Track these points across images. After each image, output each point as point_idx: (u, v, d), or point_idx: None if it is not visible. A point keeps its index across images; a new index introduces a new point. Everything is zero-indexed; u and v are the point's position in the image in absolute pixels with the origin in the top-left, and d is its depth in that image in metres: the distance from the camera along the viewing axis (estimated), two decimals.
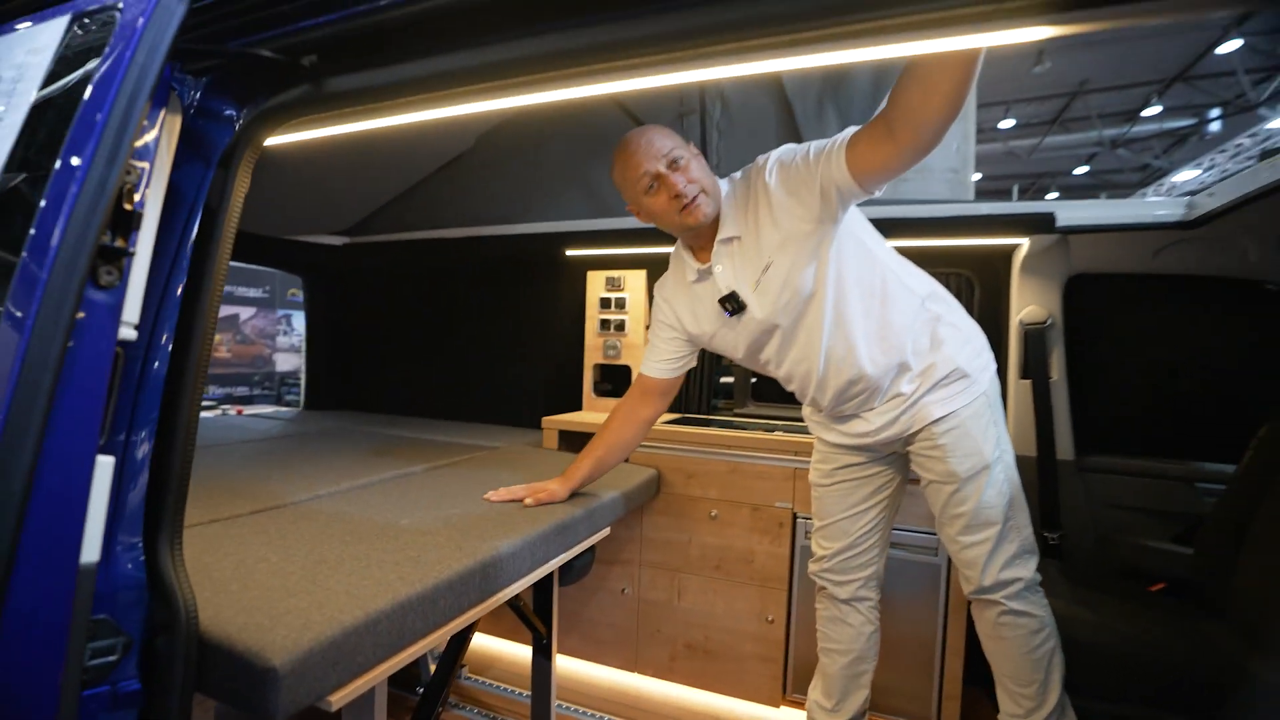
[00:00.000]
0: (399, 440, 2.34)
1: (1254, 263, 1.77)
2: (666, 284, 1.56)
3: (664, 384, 1.58)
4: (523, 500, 1.53)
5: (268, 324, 9.04)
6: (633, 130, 1.35)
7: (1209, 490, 1.88)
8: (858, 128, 1.19)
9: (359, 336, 3.27)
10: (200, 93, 0.85)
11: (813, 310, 1.36)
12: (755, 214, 1.34)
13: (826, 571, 1.59)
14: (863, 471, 1.54)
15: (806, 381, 1.45)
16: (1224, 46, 8.92)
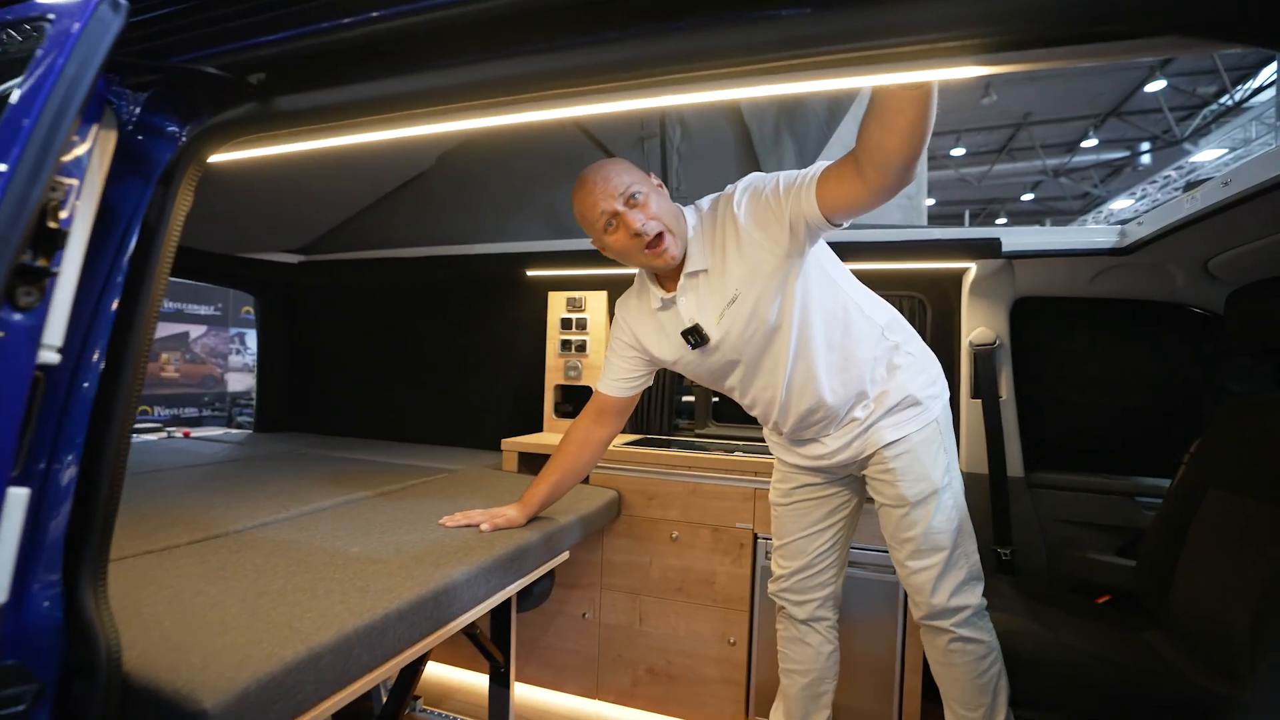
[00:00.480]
0: (353, 464, 2.27)
1: (1180, 287, 1.88)
2: (630, 305, 1.54)
3: (620, 403, 1.58)
4: (479, 525, 1.50)
5: (219, 343, 8.73)
6: (589, 167, 1.33)
7: (1148, 504, 1.96)
8: (828, 163, 1.20)
9: (313, 357, 3.18)
10: (141, 108, 0.83)
11: (777, 342, 1.36)
12: (723, 246, 1.33)
13: (785, 591, 1.60)
14: (820, 492, 1.56)
15: (769, 408, 1.46)
16: (1151, 85, 9.55)
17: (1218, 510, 1.58)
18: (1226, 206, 1.34)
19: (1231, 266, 1.70)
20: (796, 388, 1.40)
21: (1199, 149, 9.86)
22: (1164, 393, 2.04)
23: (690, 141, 2.33)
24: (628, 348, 1.54)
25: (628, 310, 1.54)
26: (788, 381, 1.39)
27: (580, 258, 2.36)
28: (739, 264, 1.31)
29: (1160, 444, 2.02)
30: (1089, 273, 1.89)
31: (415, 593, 1.09)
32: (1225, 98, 9.10)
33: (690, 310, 1.38)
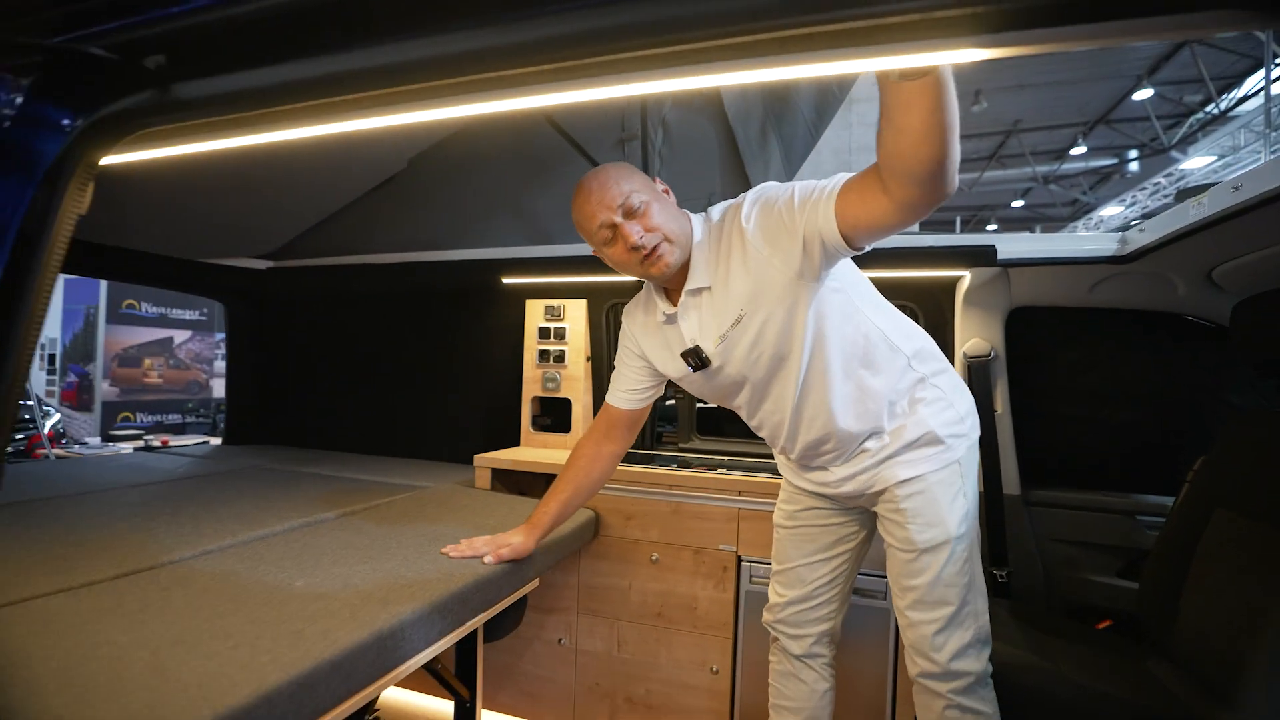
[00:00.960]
0: (317, 480, 2.16)
1: (1181, 297, 1.80)
2: (636, 316, 1.44)
3: (631, 415, 1.47)
4: (483, 558, 1.39)
5: (204, 348, 8.58)
6: (589, 174, 1.22)
7: (1150, 524, 1.87)
8: (850, 174, 1.06)
9: (284, 366, 3.05)
10: (23, 96, 0.72)
11: (786, 370, 1.26)
12: (728, 261, 1.22)
13: (780, 623, 1.49)
14: (827, 519, 1.45)
15: (777, 432, 1.35)
16: (1139, 94, 9.60)
17: (1225, 533, 1.49)
18: (1236, 213, 1.26)
19: (1237, 276, 1.63)
20: (806, 417, 1.29)
21: (1187, 156, 9.91)
22: (1166, 407, 1.96)
23: (672, 144, 2.24)
24: (635, 358, 1.45)
25: (634, 320, 1.45)
26: (795, 409, 1.29)
27: (559, 265, 2.26)
28: (744, 281, 1.20)
29: (1162, 460, 1.93)
30: (1088, 282, 1.81)
31: (355, 637, 0.98)
32: (1211, 106, 9.15)
33: (691, 330, 1.29)
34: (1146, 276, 1.76)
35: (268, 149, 1.01)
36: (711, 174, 2.24)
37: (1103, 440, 2.01)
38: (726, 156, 2.20)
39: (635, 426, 1.51)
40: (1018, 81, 9.78)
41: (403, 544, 1.46)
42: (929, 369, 1.35)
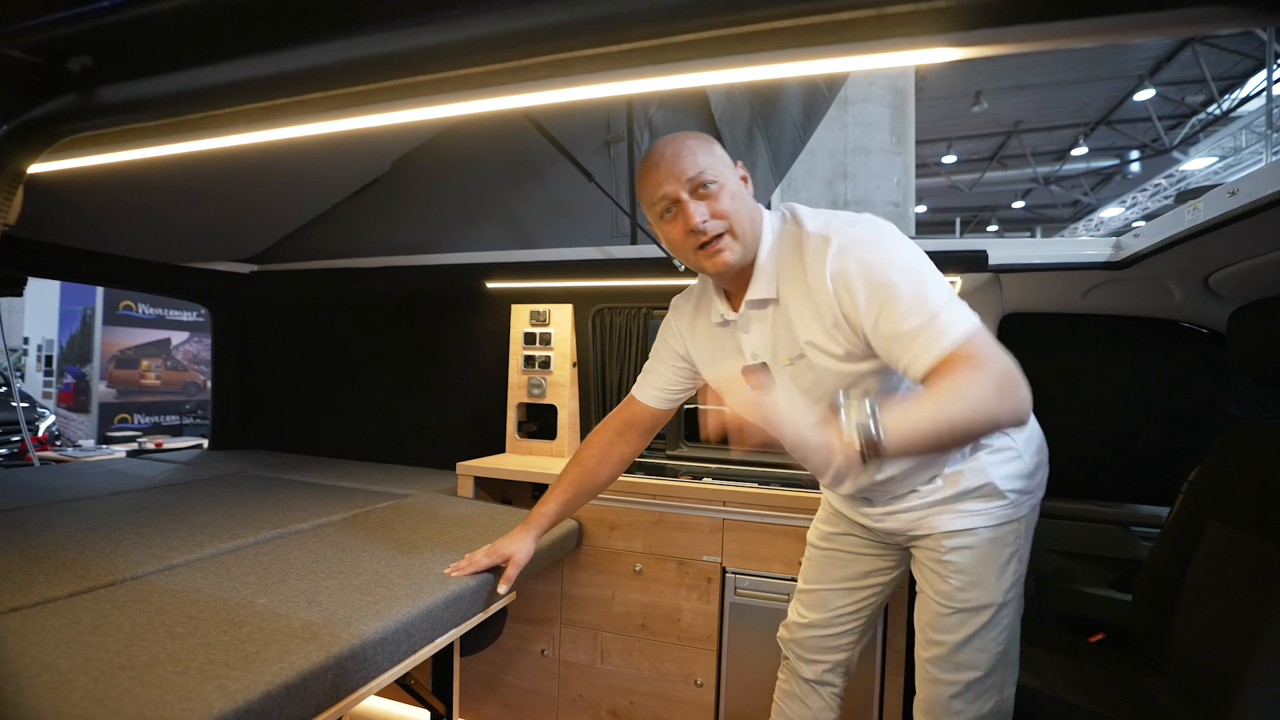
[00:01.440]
0: (298, 488, 2.12)
1: (1177, 304, 1.76)
2: (685, 311, 1.31)
3: (655, 415, 1.38)
4: (499, 589, 1.35)
5: (202, 349, 8.56)
6: (664, 138, 1.09)
7: (1144, 534, 1.84)
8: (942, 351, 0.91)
9: (268, 371, 3.02)
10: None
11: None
12: (799, 284, 1.08)
13: (796, 643, 1.41)
14: (864, 548, 1.36)
15: (822, 469, 1.25)
16: (1140, 94, 9.56)
17: (1220, 545, 1.46)
18: (1233, 219, 1.22)
19: (1234, 282, 1.59)
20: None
21: (1188, 157, 9.86)
22: (1161, 416, 1.92)
23: None
24: (677, 357, 1.33)
25: (681, 316, 1.32)
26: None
27: (544, 269, 2.22)
28: (813, 324, 1.07)
29: (1157, 470, 1.89)
30: (1081, 287, 1.77)
31: (311, 661, 0.95)
32: (1213, 106, 9.10)
33: (754, 345, 1.17)
34: (1141, 282, 1.73)
35: (244, 151, 0.97)
36: None
37: (1097, 450, 1.98)
38: None
39: (654, 429, 1.42)
40: (1018, 82, 9.74)
41: (375, 557, 1.43)
42: None
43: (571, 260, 2.17)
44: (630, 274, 2.13)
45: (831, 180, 3.86)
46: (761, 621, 1.75)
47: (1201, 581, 1.47)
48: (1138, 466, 1.94)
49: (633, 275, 2.13)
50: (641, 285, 2.18)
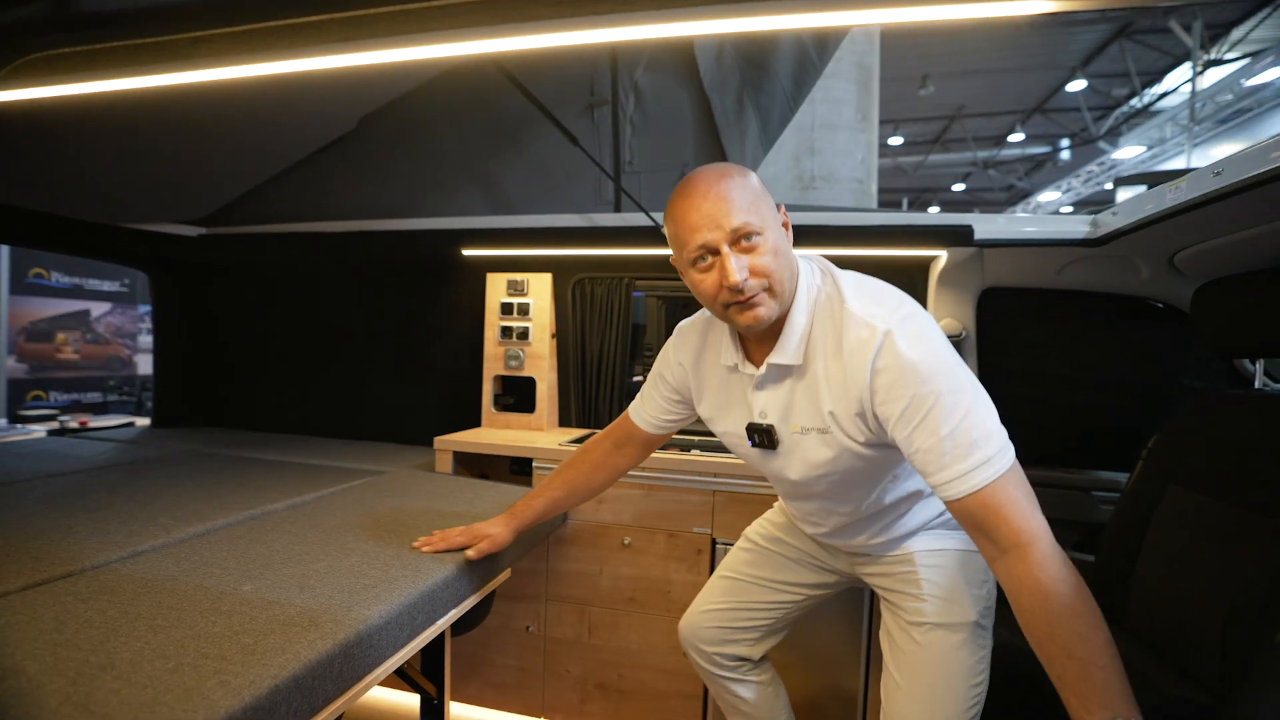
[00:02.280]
0: (262, 466, 1.99)
1: (1144, 281, 1.84)
2: (690, 344, 1.23)
3: (649, 438, 1.35)
4: (466, 553, 1.27)
5: (126, 321, 7.94)
6: (706, 172, 0.99)
7: (1105, 499, 1.94)
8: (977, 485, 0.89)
9: (219, 343, 2.82)
10: None
11: (848, 493, 1.15)
12: (831, 357, 1.01)
13: (689, 632, 1.39)
14: (810, 560, 1.35)
15: (801, 507, 1.25)
16: (1072, 85, 10.01)
17: (1177, 508, 1.55)
18: (1216, 198, 1.27)
19: (1198, 261, 1.67)
20: (843, 508, 1.18)
21: (1115, 147, 10.42)
22: (1123, 387, 2.02)
23: (645, 111, 2.13)
24: (673, 391, 1.28)
25: (685, 349, 1.23)
26: (833, 503, 1.18)
27: (523, 236, 2.13)
28: (841, 403, 1.01)
29: (1118, 438, 2.00)
30: (1057, 264, 1.83)
31: (318, 650, 0.88)
32: (1135, 100, 9.62)
33: (765, 404, 1.10)
34: (1112, 260, 1.79)
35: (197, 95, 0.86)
36: (685, 143, 2.15)
37: (1062, 419, 2.07)
38: (701, 126, 2.11)
39: (651, 447, 1.38)
40: (963, 67, 10.03)
41: (361, 537, 1.35)
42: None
43: (552, 227, 2.09)
44: (614, 242, 2.07)
45: (799, 155, 3.87)
46: None
47: (1160, 541, 1.56)
48: (1101, 435, 2.04)
49: (616, 244, 2.07)
50: (625, 255, 2.13)
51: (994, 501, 0.88)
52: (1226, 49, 7.71)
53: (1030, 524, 0.88)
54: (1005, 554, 0.89)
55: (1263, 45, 7.19)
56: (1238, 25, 7.57)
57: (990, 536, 0.90)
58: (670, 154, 2.15)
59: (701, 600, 1.41)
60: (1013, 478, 0.90)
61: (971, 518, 0.91)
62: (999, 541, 0.89)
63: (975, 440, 0.89)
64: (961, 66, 9.97)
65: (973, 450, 0.89)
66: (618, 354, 2.28)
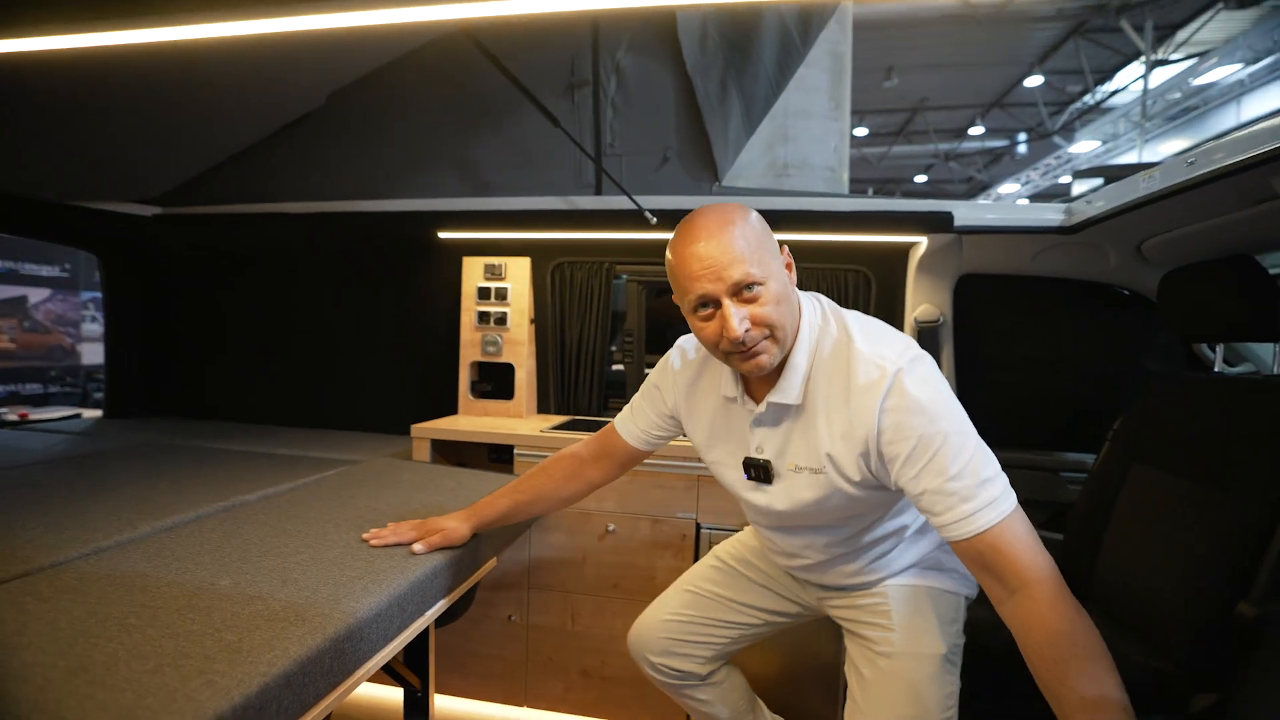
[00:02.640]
0: (230, 457, 1.91)
1: (1112, 269, 1.90)
2: (687, 370, 1.21)
3: (632, 453, 1.32)
4: (411, 547, 1.20)
5: (68, 309, 7.52)
6: (705, 215, 0.98)
7: (1072, 479, 2.01)
8: (984, 526, 0.89)
9: (178, 329, 2.68)
10: None
11: (834, 531, 1.15)
12: (830, 406, 1.01)
13: (640, 641, 1.36)
14: (777, 587, 1.34)
15: (776, 535, 1.23)
16: (1029, 80, 10.29)
17: (1142, 485, 1.60)
18: (1189, 187, 1.31)
19: (1163, 250, 1.72)
20: (825, 545, 1.18)
21: (1070, 142, 10.75)
22: (1090, 371, 2.09)
23: (627, 93, 2.09)
24: (664, 410, 1.26)
25: (682, 373, 1.21)
26: (815, 538, 1.18)
27: (501, 219, 2.08)
28: (842, 442, 1.01)
29: (1085, 421, 2.07)
30: (1032, 251, 1.87)
31: (308, 645, 0.84)
32: (1088, 96, 9.95)
33: (762, 439, 1.10)
34: (1084, 247, 1.84)
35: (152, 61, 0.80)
36: (667, 127, 2.12)
37: (1032, 403, 2.13)
38: (684, 109, 2.08)
39: (629, 464, 1.35)
40: (927, 60, 10.20)
41: (342, 528, 1.30)
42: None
43: (531, 210, 2.04)
44: (595, 226, 2.03)
45: (772, 143, 3.87)
46: None
47: (1126, 518, 1.62)
48: (1068, 418, 2.11)
49: (597, 227, 2.04)
50: (606, 239, 2.09)
51: (1001, 541, 0.89)
52: (1173, 50, 8.03)
53: (1038, 562, 0.89)
54: (1014, 594, 0.89)
55: (1207, 47, 7.50)
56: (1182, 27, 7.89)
57: (998, 576, 0.90)
58: (652, 137, 2.12)
59: (657, 609, 1.38)
60: (1018, 517, 0.91)
61: (980, 558, 0.91)
62: (1007, 581, 0.89)
63: (982, 481, 0.90)
64: (925, 60, 10.13)
65: (979, 490, 0.90)
66: (598, 340, 2.26)
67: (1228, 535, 1.27)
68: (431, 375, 2.37)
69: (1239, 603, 1.20)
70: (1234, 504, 1.29)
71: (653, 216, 1.89)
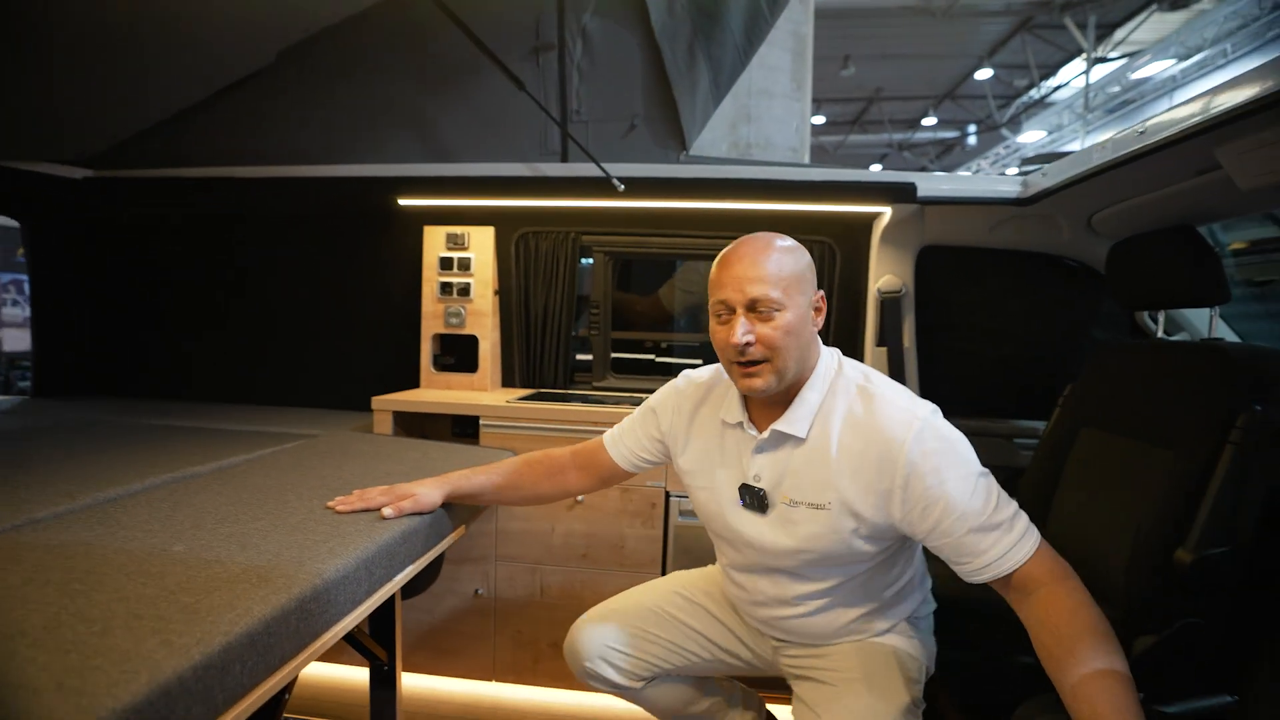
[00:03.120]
0: (178, 432, 1.81)
1: (1065, 241, 1.97)
2: (689, 398, 1.23)
3: (615, 470, 1.31)
4: (380, 511, 1.17)
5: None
6: (758, 236, 1.05)
7: (1025, 445, 2.09)
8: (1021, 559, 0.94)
9: (115, 304, 2.52)
10: None
11: (817, 577, 1.13)
12: (846, 448, 1.03)
13: (574, 642, 1.30)
14: (735, 627, 1.30)
15: (753, 576, 1.19)
16: (980, 74, 10.61)
17: (1090, 448, 1.68)
18: (1141, 155, 1.36)
19: (1111, 222, 1.79)
20: (802, 593, 1.15)
21: (1016, 133, 11.15)
22: (1042, 340, 2.17)
23: (593, 57, 2.05)
24: (654, 434, 1.27)
25: (684, 400, 1.23)
26: (794, 583, 1.15)
27: (464, 185, 2.02)
28: (858, 482, 1.02)
29: (1037, 388, 2.15)
30: (990, 222, 1.93)
31: (272, 605, 0.81)
32: (1034, 90, 10.34)
33: (760, 468, 1.10)
34: (1039, 219, 1.91)
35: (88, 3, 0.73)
36: (634, 93, 2.09)
37: (988, 372, 2.20)
38: (651, 76, 2.06)
39: (610, 481, 1.36)
40: (882, 51, 10.39)
41: (304, 496, 1.25)
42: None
43: (495, 176, 1.99)
44: (561, 193, 2.00)
45: (735, 122, 3.88)
46: (707, 540, 1.78)
47: (1075, 479, 1.69)
48: (1022, 386, 2.19)
49: (563, 195, 2.00)
50: (573, 207, 2.06)
51: (1042, 562, 0.95)
52: (1111, 48, 8.44)
53: (1062, 564, 0.95)
54: (1034, 592, 0.94)
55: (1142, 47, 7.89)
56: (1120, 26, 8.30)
57: (1025, 590, 0.94)
58: (619, 104, 2.09)
59: (599, 611, 1.33)
60: (1045, 549, 0.97)
61: (1020, 583, 0.95)
62: (1034, 591, 0.94)
63: (1013, 515, 0.97)
64: (881, 50, 10.32)
65: (1013, 523, 0.96)
66: (563, 312, 2.22)
67: (1167, 489, 1.33)
68: (391, 349, 2.30)
69: (1176, 550, 1.27)
70: (1172, 459, 1.36)
71: (620, 183, 1.87)
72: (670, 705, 1.33)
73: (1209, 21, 6.49)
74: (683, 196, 1.98)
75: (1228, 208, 1.52)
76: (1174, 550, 1.27)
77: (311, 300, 2.39)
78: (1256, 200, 1.42)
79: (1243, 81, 1.08)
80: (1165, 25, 7.68)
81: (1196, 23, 6.77)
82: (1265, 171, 1.18)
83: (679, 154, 2.14)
